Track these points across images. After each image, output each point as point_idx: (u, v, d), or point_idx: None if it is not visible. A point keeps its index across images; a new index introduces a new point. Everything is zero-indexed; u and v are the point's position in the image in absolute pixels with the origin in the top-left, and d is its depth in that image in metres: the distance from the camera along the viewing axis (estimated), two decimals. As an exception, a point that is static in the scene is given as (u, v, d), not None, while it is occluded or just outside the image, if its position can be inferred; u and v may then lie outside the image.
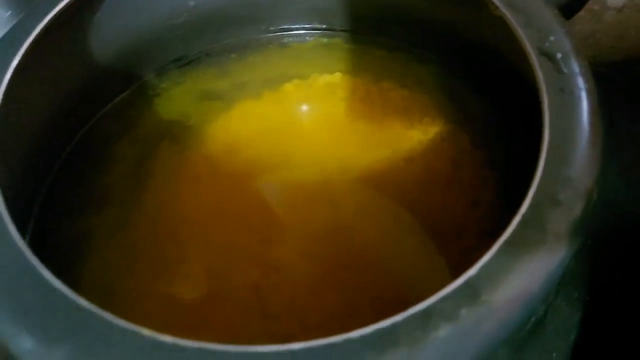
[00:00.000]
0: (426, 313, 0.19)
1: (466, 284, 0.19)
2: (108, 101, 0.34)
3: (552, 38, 0.24)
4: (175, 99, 0.35)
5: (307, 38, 0.36)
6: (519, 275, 0.19)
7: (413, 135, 0.33)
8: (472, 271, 0.19)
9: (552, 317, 0.24)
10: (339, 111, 0.34)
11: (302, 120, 0.35)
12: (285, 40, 0.37)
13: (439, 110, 0.33)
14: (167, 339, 0.18)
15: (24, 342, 0.19)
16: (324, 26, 0.36)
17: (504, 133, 0.31)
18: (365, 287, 0.28)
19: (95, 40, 0.31)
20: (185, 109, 0.34)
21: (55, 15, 0.27)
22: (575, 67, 0.22)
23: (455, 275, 0.19)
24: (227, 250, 0.30)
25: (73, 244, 0.29)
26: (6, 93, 0.25)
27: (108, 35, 0.32)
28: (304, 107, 0.35)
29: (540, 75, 0.22)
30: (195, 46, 0.35)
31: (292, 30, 0.36)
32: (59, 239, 0.29)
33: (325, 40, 0.36)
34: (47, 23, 0.27)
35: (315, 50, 0.36)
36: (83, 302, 0.19)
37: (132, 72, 0.34)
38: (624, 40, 0.40)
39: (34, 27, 0.26)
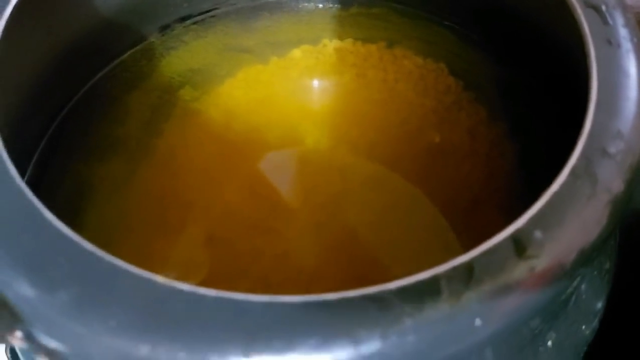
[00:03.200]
0: (468, 266, 0.17)
1: (511, 237, 0.18)
2: (125, 50, 0.32)
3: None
4: (192, 52, 0.33)
5: (319, 5, 0.35)
6: (568, 230, 0.18)
7: (427, 104, 0.31)
8: (518, 224, 0.18)
9: (586, 286, 0.22)
10: (350, 78, 0.33)
11: (312, 87, 0.33)
12: (295, 5, 0.35)
13: (455, 78, 0.32)
14: (184, 286, 0.17)
15: (22, 288, 0.17)
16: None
17: (525, 103, 0.30)
18: (373, 261, 0.27)
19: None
20: (204, 62, 0.33)
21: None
22: (621, 19, 0.21)
23: (467, 250, 0.17)
24: (230, 215, 0.28)
25: (71, 195, 0.27)
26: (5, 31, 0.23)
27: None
28: (314, 74, 0.33)
29: (586, 27, 0.21)
30: (204, 6, 0.34)
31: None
32: (58, 189, 0.27)
33: (338, 5, 0.35)
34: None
35: (327, 15, 0.35)
36: (88, 245, 0.17)
37: (144, 26, 0.33)
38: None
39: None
